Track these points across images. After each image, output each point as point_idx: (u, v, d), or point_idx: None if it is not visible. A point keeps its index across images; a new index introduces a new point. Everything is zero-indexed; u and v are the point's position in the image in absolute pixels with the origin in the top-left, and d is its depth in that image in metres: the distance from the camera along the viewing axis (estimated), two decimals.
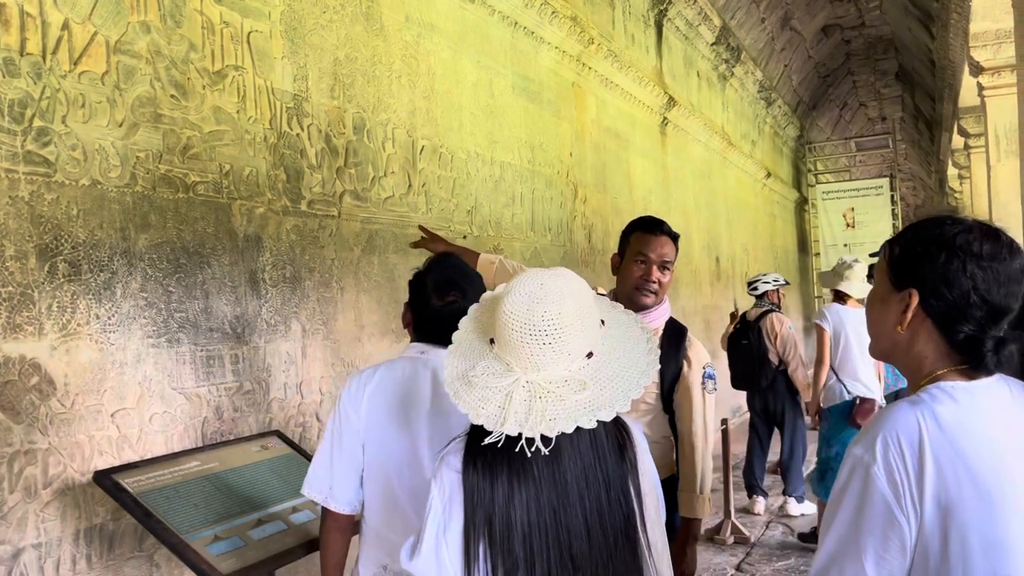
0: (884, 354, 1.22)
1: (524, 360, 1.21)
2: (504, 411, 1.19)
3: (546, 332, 1.20)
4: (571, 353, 1.22)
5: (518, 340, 1.21)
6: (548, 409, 1.19)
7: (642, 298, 2.40)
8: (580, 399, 1.20)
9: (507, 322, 1.22)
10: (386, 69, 3.54)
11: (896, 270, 1.18)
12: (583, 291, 1.26)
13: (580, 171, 5.53)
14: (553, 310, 1.21)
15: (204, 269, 2.60)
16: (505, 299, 1.24)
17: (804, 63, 12.58)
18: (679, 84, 7.81)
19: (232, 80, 2.75)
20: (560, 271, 1.29)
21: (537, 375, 1.21)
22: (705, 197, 8.60)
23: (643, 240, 2.42)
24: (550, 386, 1.21)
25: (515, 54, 4.71)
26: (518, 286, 1.24)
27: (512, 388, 1.21)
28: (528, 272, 1.28)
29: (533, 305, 1.21)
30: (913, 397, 1.12)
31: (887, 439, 1.07)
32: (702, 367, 2.45)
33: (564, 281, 1.25)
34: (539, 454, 1.18)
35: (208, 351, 2.59)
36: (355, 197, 3.29)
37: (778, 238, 12.60)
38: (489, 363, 1.25)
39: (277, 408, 2.86)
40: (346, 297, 3.22)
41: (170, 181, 2.49)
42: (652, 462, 1.35)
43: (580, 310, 1.22)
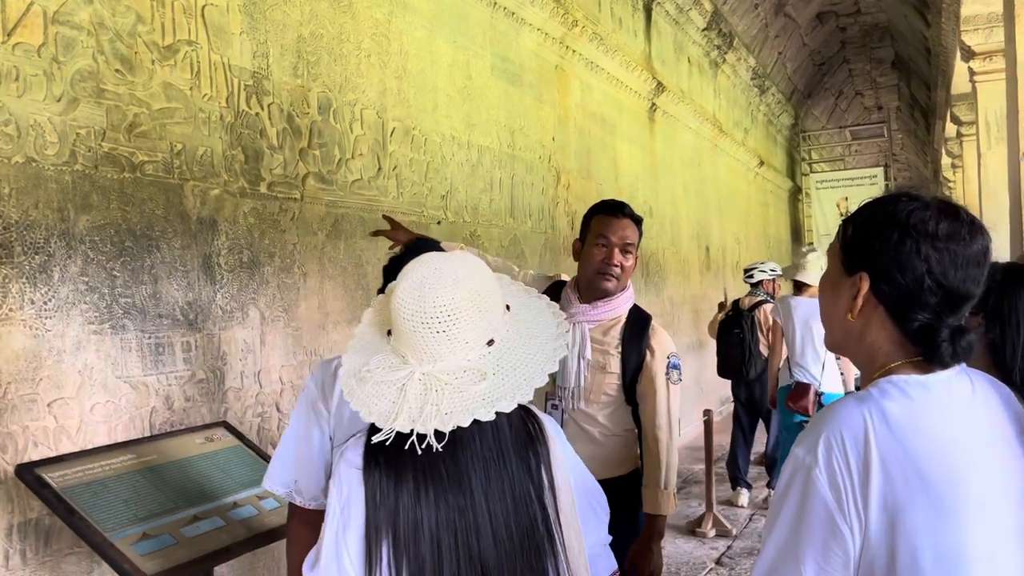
0: (837, 345, 1.12)
1: (419, 351, 1.12)
2: (397, 406, 1.09)
3: (439, 320, 1.10)
4: (468, 341, 1.12)
5: (410, 330, 1.11)
6: (444, 402, 1.09)
7: (604, 283, 2.30)
8: (479, 390, 1.11)
9: (399, 311, 1.12)
10: (354, 47, 3.42)
11: (848, 252, 1.07)
12: (481, 275, 1.17)
13: (563, 157, 5.41)
14: (445, 296, 1.11)
15: (152, 253, 2.48)
16: (397, 287, 1.14)
17: (799, 50, 12.44)
18: (668, 70, 7.68)
19: (185, 56, 2.63)
20: (458, 254, 1.19)
21: (433, 366, 1.12)
22: (695, 185, 8.49)
23: (604, 223, 2.32)
24: (447, 377, 1.11)
25: (494, 35, 4.59)
26: (410, 272, 1.15)
27: (406, 381, 1.11)
28: (422, 257, 1.18)
29: (424, 292, 1.11)
30: (862, 392, 1.02)
31: (830, 439, 0.97)
32: (666, 356, 2.34)
33: (459, 264, 1.15)
34: (441, 451, 1.08)
35: (157, 338, 2.49)
36: (320, 180, 3.18)
37: (771, 227, 12.50)
38: (385, 356, 1.15)
39: (233, 398, 2.75)
40: (309, 283, 3.11)
41: (115, 160, 2.37)
42: (573, 456, 1.25)
43: (477, 295, 1.13)
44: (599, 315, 2.35)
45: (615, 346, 2.34)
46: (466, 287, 1.12)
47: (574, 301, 2.36)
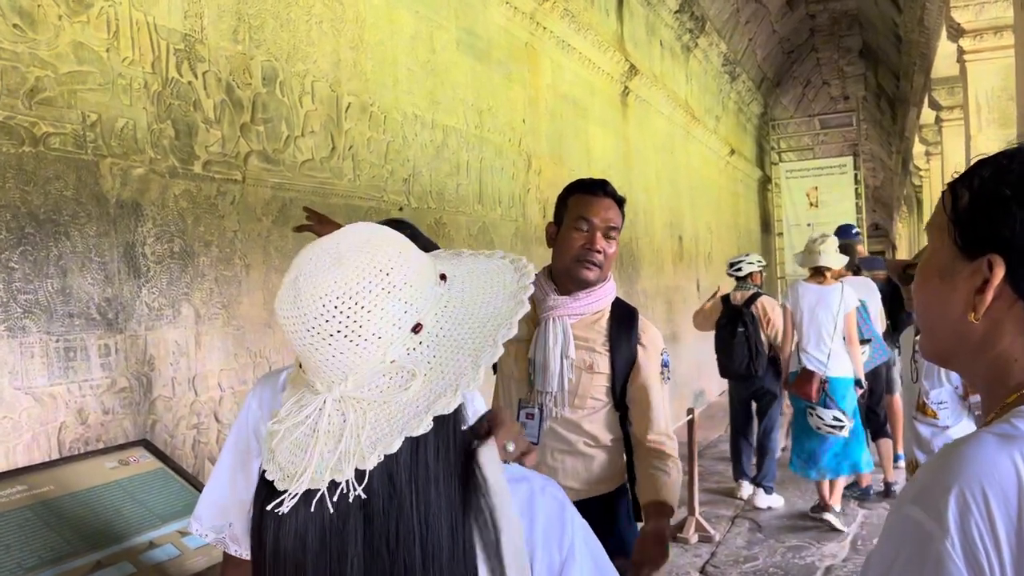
0: (943, 354, 0.81)
1: (322, 369, 0.79)
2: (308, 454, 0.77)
3: (325, 318, 0.77)
4: (380, 335, 0.78)
5: (300, 344, 0.79)
6: (366, 428, 0.76)
7: (584, 271, 1.99)
8: (410, 396, 0.77)
9: (282, 323, 0.80)
10: (304, 12, 3.06)
11: (966, 227, 0.77)
12: (379, 243, 0.82)
13: (534, 140, 5.09)
14: (327, 283, 0.78)
15: (60, 241, 2.11)
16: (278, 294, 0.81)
17: (769, 37, 12.24)
18: (641, 52, 7.39)
19: (100, 12, 2.25)
20: (344, 228, 0.85)
21: (345, 385, 0.79)
22: (668, 173, 8.23)
23: (584, 203, 2.02)
24: (367, 394, 0.78)
25: (460, 6, 4.24)
26: (287, 275, 0.82)
27: (318, 417, 0.78)
28: (307, 247, 0.84)
29: (299, 287, 0.79)
30: (1000, 427, 0.71)
31: (966, 497, 0.66)
32: (660, 353, 2.07)
33: (343, 238, 0.82)
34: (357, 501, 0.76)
35: (67, 341, 2.12)
36: (264, 159, 2.82)
37: (741, 217, 12.31)
38: (300, 394, 0.82)
39: (163, 408, 2.39)
40: (252, 276, 2.75)
41: (11, 131, 2.00)
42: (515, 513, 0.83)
43: (375, 269, 0.79)
44: (581, 308, 2.05)
45: (602, 343, 2.04)
46: (355, 263, 0.79)
47: (550, 293, 2.05)
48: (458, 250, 0.94)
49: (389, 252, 0.80)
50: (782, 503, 5.26)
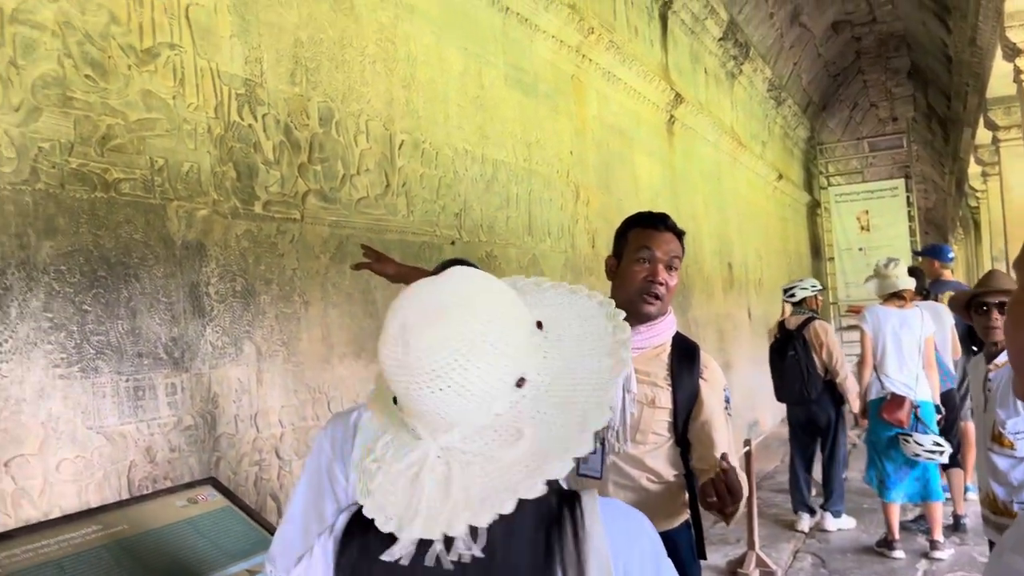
0: None
1: (426, 419, 0.79)
2: (416, 502, 0.76)
3: (436, 373, 0.77)
4: (486, 390, 0.79)
5: (405, 393, 0.79)
6: (475, 482, 0.76)
7: (646, 305, 1.98)
8: (519, 454, 0.77)
9: (387, 371, 0.80)
10: (358, 53, 3.12)
11: None
12: (482, 294, 0.83)
13: (582, 171, 5.10)
14: (434, 338, 0.78)
15: (130, 283, 2.17)
16: (380, 337, 0.81)
17: (814, 61, 12.14)
18: (686, 80, 7.39)
19: (167, 60, 2.33)
20: (447, 275, 0.85)
21: (450, 435, 0.79)
22: (715, 200, 8.17)
23: (645, 236, 2.02)
24: (472, 446, 0.78)
25: (507, 42, 4.30)
26: (392, 313, 0.82)
27: (421, 466, 0.78)
28: (406, 290, 0.85)
29: (407, 338, 0.79)
30: None
31: None
32: (722, 388, 2.05)
33: (445, 288, 0.82)
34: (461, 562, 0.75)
35: (136, 381, 2.16)
36: (321, 198, 2.87)
37: (791, 242, 12.14)
38: (396, 434, 0.83)
39: (226, 445, 2.43)
40: (311, 312, 2.79)
41: (84, 177, 2.07)
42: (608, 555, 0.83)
43: (481, 323, 0.80)
44: (643, 342, 2.03)
45: (664, 377, 2.02)
46: (460, 317, 0.79)
47: None
48: (538, 279, 0.94)
49: (491, 305, 0.81)
50: (854, 524, 5.17)
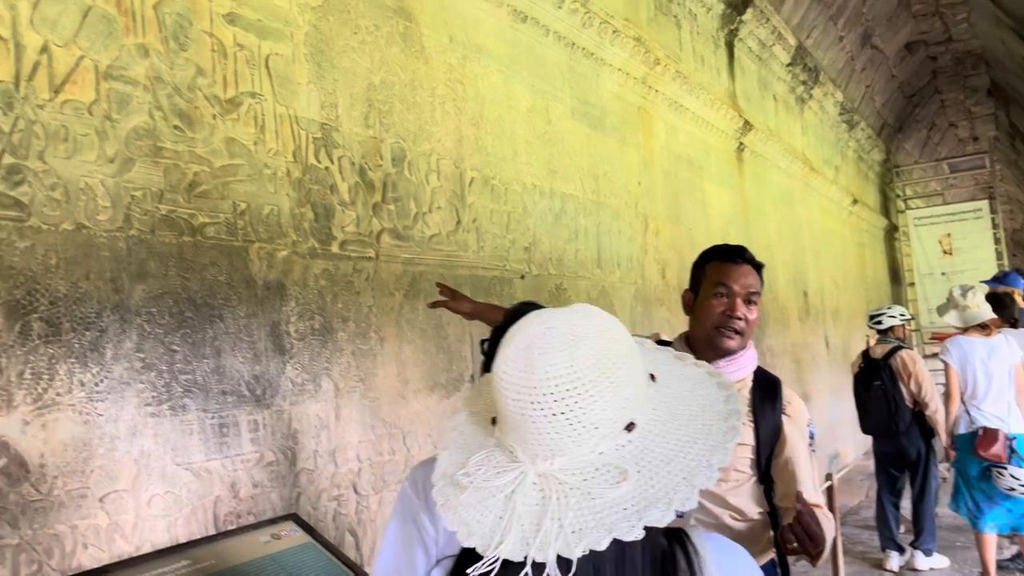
0: None
1: (531, 443, 0.80)
2: (504, 522, 0.77)
3: (555, 397, 0.78)
4: (599, 426, 0.79)
5: (518, 413, 0.79)
6: (570, 515, 0.76)
7: (725, 340, 1.95)
8: (618, 496, 0.77)
9: (502, 389, 0.81)
10: (428, 94, 3.20)
11: None
12: (612, 333, 0.84)
13: (650, 201, 5.08)
14: (562, 362, 0.78)
15: (215, 323, 2.25)
16: (498, 357, 0.82)
17: (887, 83, 11.87)
18: (754, 107, 7.31)
19: (248, 108, 2.44)
20: (577, 307, 0.86)
21: (551, 464, 0.79)
22: (788, 227, 8.01)
23: (722, 270, 1.99)
24: (572, 479, 0.79)
25: (574, 77, 4.34)
26: (514, 336, 0.83)
27: (516, 486, 0.79)
28: (531, 315, 0.86)
29: (533, 358, 0.79)
30: None
31: None
32: (806, 424, 2.00)
33: (580, 319, 0.83)
34: None
35: (221, 418, 2.24)
36: (395, 236, 2.93)
37: (868, 268, 11.80)
38: (489, 453, 0.83)
39: (306, 481, 2.48)
40: (387, 349, 2.84)
41: (173, 223, 2.17)
42: None
43: (607, 359, 0.80)
44: None
45: (745, 414, 1.98)
46: (591, 349, 0.80)
47: None
48: (641, 339, 0.95)
49: (620, 345, 0.82)
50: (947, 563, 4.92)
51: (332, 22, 2.77)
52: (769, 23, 7.36)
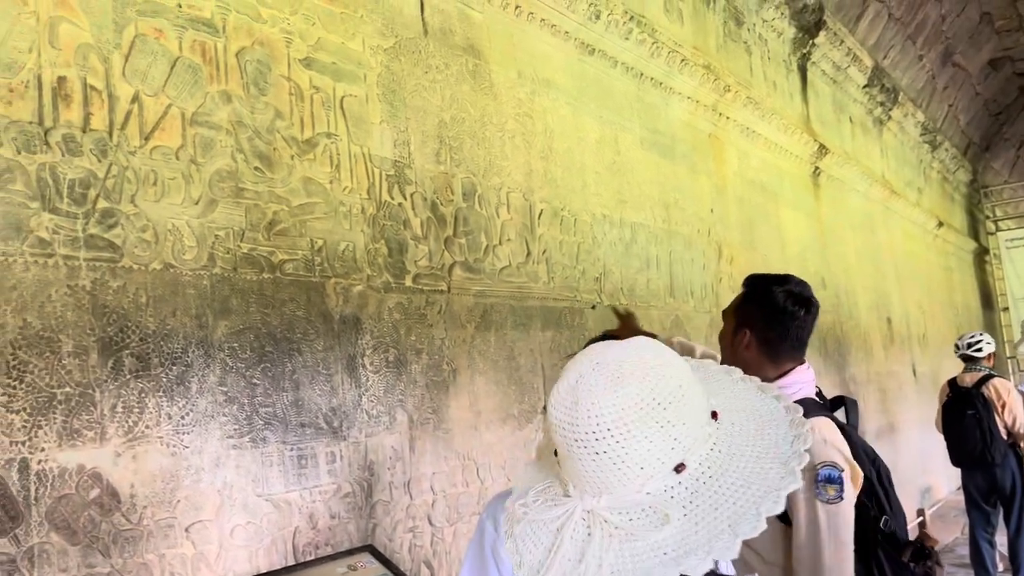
0: None
1: (580, 478, 0.80)
2: (551, 555, 0.77)
3: (596, 437, 0.78)
4: (644, 467, 0.78)
5: (567, 450, 0.81)
6: (609, 554, 0.76)
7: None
8: (660, 539, 0.76)
9: (553, 425, 0.82)
10: (497, 129, 3.25)
11: None
12: (660, 370, 0.82)
13: (724, 228, 5.01)
14: (604, 403, 0.78)
15: (294, 357, 2.32)
16: (552, 390, 0.83)
17: (971, 101, 11.46)
18: (830, 131, 7.15)
19: (324, 148, 2.52)
20: (632, 342, 0.85)
21: (598, 501, 0.79)
22: (869, 252, 7.77)
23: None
24: (616, 518, 0.78)
25: (642, 107, 4.34)
26: (568, 369, 0.83)
27: (565, 521, 0.79)
28: (587, 349, 0.86)
29: (578, 396, 0.80)
30: None
31: None
32: (815, 466, 1.70)
33: (627, 356, 0.82)
34: None
35: (299, 450, 2.29)
36: (466, 269, 2.97)
37: (957, 294, 11.31)
38: (549, 486, 0.84)
39: (382, 512, 2.51)
40: (459, 380, 2.86)
41: (254, 260, 2.25)
42: None
43: (651, 400, 0.79)
44: None
45: None
46: (634, 389, 0.79)
47: None
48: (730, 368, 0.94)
49: (670, 384, 0.81)
50: None
51: (404, 62, 2.85)
52: (843, 45, 7.22)
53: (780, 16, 6.18)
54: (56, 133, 1.86)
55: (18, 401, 1.72)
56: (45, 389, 1.77)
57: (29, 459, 1.73)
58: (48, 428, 1.76)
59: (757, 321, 1.93)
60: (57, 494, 1.76)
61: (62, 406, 1.79)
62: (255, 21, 2.36)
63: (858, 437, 1.90)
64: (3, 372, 1.71)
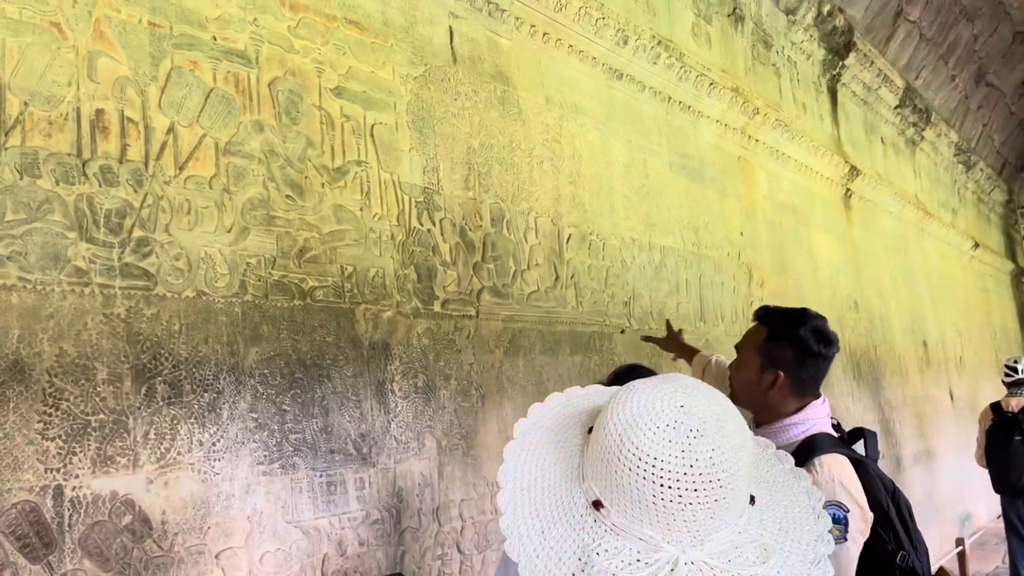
0: None
1: (679, 530, 0.78)
2: None
3: (720, 483, 0.76)
4: (740, 505, 0.80)
5: (673, 501, 0.77)
6: None
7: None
8: (766, 573, 0.76)
9: (650, 474, 0.78)
10: (526, 155, 3.26)
11: None
12: (732, 405, 0.84)
13: (754, 252, 4.97)
14: (722, 445, 0.77)
15: (323, 383, 2.33)
16: (631, 439, 0.79)
17: (1006, 120, 11.29)
18: (861, 152, 7.08)
19: (354, 176, 2.54)
20: (683, 380, 0.85)
21: (700, 551, 0.77)
22: (903, 274, 7.65)
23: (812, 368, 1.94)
24: (719, 562, 0.77)
25: (671, 131, 4.33)
26: (643, 416, 0.81)
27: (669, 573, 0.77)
28: (646, 389, 0.84)
29: (691, 441, 0.78)
30: None
31: None
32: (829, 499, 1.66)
33: (706, 394, 0.82)
34: None
35: (328, 476, 2.29)
36: (495, 294, 2.97)
37: (995, 315, 11.08)
38: (613, 541, 0.81)
39: (410, 539, 2.50)
40: (487, 406, 2.86)
41: (284, 287, 2.27)
42: None
43: (743, 436, 0.80)
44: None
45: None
46: (734, 427, 0.80)
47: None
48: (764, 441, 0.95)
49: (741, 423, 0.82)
50: None
51: (433, 90, 2.88)
52: (874, 66, 7.17)
53: (809, 38, 6.16)
54: (94, 164, 1.90)
55: (53, 428, 1.75)
56: (80, 416, 1.79)
57: (63, 486, 1.75)
58: (82, 455, 1.78)
59: (790, 363, 1.88)
60: (90, 521, 1.78)
61: (96, 433, 1.82)
62: (287, 52, 2.40)
63: (876, 469, 1.86)
64: (39, 399, 1.73)
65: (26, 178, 1.79)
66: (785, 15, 5.85)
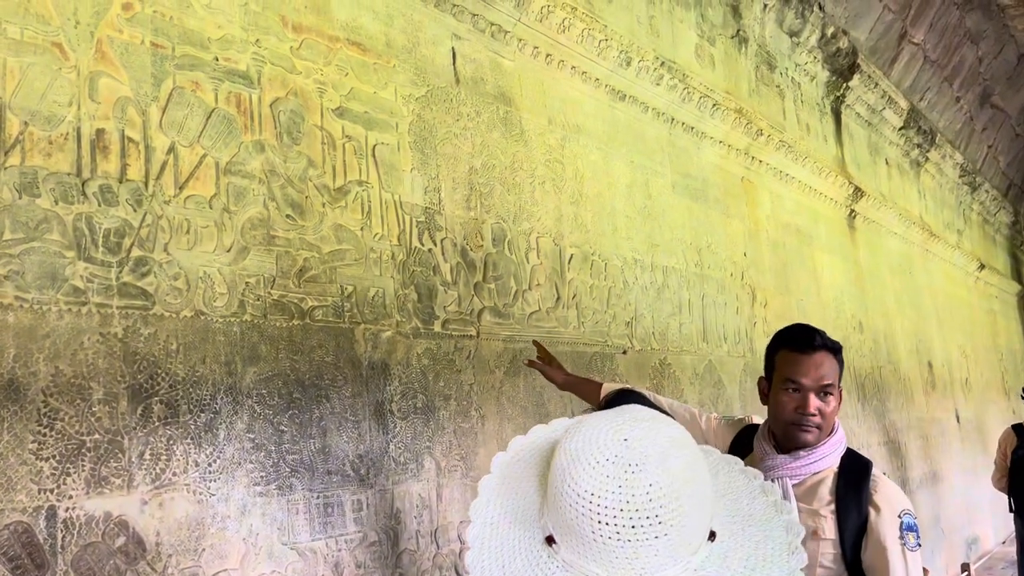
0: None
1: (621, 567, 0.76)
2: None
3: (659, 519, 0.74)
4: (692, 541, 0.76)
5: (611, 538, 0.75)
6: None
7: (802, 436, 1.82)
8: None
9: (591, 513, 0.76)
10: (528, 175, 3.26)
11: None
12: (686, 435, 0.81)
13: (757, 272, 4.95)
14: (661, 481, 0.75)
15: (322, 403, 2.32)
16: (571, 474, 0.78)
17: (1012, 142, 11.28)
18: (865, 173, 7.08)
19: (355, 196, 2.55)
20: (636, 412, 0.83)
21: None
22: (908, 295, 7.62)
23: (791, 362, 1.85)
24: None
25: (674, 151, 4.34)
26: (586, 449, 0.79)
27: None
28: (591, 421, 0.83)
29: (628, 476, 0.75)
30: None
31: None
32: (897, 515, 1.78)
33: (654, 427, 0.79)
34: None
35: (326, 497, 2.27)
36: (495, 314, 2.96)
37: (1001, 337, 11.02)
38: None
39: (408, 562, 2.47)
40: (487, 427, 2.84)
41: (283, 307, 2.26)
42: None
43: (694, 470, 0.77)
44: (803, 468, 1.85)
45: (827, 504, 1.82)
46: (681, 461, 0.77)
47: (769, 451, 1.89)
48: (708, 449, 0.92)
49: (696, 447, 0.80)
50: None
51: (435, 111, 2.89)
52: (878, 88, 7.18)
53: (813, 60, 6.18)
54: (93, 184, 1.91)
55: (48, 448, 1.74)
56: (75, 436, 1.78)
57: (57, 506, 1.73)
58: (76, 475, 1.77)
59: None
60: (83, 542, 1.77)
61: (91, 453, 1.81)
62: (289, 72, 2.41)
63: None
64: (34, 419, 1.72)
65: (25, 197, 1.79)
66: (789, 37, 5.87)
